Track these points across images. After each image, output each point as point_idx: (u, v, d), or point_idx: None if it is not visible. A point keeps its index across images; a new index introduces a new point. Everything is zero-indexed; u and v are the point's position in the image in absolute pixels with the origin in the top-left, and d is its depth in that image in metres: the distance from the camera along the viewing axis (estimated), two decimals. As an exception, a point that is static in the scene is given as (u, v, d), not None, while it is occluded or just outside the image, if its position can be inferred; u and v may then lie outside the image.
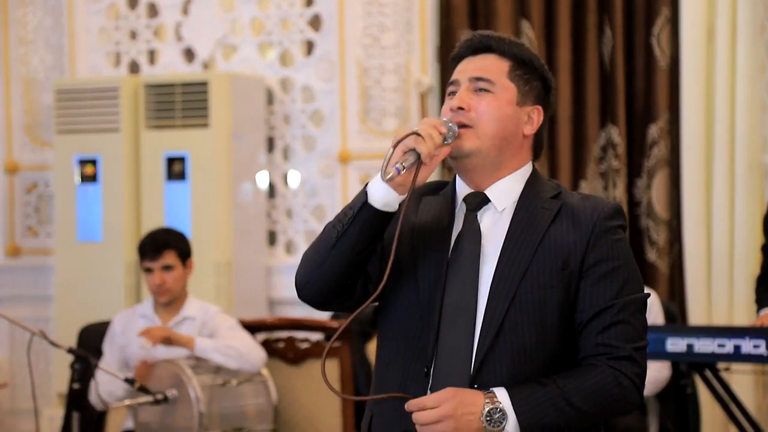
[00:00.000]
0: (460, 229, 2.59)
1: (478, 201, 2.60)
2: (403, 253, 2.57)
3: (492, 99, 2.58)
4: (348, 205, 2.54)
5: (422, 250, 2.58)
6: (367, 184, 2.53)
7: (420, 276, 2.56)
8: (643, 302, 2.56)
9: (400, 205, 2.51)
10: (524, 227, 2.55)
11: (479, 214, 2.59)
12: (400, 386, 2.53)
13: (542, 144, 2.68)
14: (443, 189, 2.66)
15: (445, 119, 2.56)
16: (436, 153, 2.50)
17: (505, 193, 2.60)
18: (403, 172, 2.47)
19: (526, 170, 2.64)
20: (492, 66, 2.61)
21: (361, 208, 2.50)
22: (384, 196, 2.49)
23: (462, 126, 2.56)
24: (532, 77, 2.63)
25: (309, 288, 2.59)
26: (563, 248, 2.53)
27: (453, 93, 2.62)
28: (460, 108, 2.57)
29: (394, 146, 2.48)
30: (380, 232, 2.53)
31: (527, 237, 2.54)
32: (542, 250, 2.53)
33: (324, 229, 2.58)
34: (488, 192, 2.60)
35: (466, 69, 2.63)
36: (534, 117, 2.63)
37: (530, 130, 2.63)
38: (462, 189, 2.64)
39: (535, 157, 2.67)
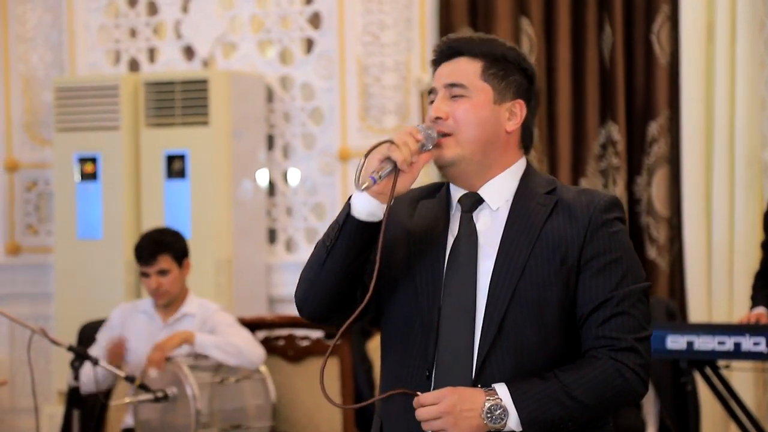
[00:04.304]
0: (456, 231, 2.57)
1: (472, 201, 2.59)
2: (400, 260, 2.56)
3: (468, 103, 2.56)
4: (335, 219, 2.54)
5: (419, 256, 2.56)
6: (351, 197, 2.52)
7: (418, 282, 2.55)
8: (644, 292, 2.54)
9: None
10: (520, 225, 2.54)
11: (475, 214, 2.58)
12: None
13: (531, 136, 2.65)
14: (439, 191, 2.65)
15: (421, 126, 2.54)
16: (413, 160, 2.49)
17: (498, 192, 2.58)
18: (380, 181, 2.46)
19: (519, 166, 2.61)
20: (463, 70, 2.58)
21: (345, 221, 2.50)
22: (366, 206, 2.48)
23: (443, 135, 2.55)
24: (509, 72, 2.59)
25: (308, 306, 2.59)
26: (560, 244, 2.51)
27: (433, 102, 2.60)
28: (438, 117, 2.55)
29: (366, 156, 2.48)
30: (369, 242, 2.51)
31: (524, 234, 2.52)
32: (539, 247, 2.51)
33: (316, 246, 2.57)
34: (481, 192, 2.58)
35: (441, 76, 2.60)
36: (516, 111, 2.60)
37: (513, 125, 2.59)
38: (456, 190, 2.62)
39: (526, 150, 2.64)
